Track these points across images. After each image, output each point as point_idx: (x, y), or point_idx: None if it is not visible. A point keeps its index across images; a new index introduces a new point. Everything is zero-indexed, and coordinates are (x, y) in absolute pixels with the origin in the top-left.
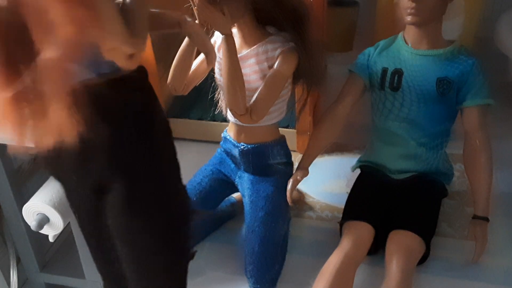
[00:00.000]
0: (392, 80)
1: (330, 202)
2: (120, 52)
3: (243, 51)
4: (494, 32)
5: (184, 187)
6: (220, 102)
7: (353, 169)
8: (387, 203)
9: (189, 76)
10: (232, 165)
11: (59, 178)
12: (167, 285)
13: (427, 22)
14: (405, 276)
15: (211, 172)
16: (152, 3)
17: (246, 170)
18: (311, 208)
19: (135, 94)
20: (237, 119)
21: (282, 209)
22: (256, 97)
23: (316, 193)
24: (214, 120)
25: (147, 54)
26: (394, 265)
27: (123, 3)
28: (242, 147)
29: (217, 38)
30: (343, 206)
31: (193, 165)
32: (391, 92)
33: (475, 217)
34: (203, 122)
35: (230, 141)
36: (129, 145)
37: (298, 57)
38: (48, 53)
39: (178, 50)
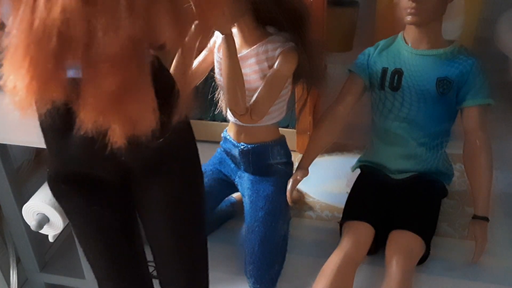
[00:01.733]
0: (392, 80)
1: (330, 202)
2: None
3: (243, 51)
4: (494, 32)
5: None
6: (220, 102)
7: (353, 169)
8: (387, 203)
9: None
10: (232, 165)
11: (87, 174)
12: (206, 275)
13: (427, 22)
14: (405, 276)
15: (211, 172)
16: None
17: (246, 170)
18: (311, 208)
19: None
20: (237, 119)
21: (282, 209)
22: (256, 97)
23: (316, 193)
24: (214, 120)
25: None
26: (394, 265)
27: None
28: (242, 147)
29: (217, 38)
30: (343, 206)
31: None
32: (391, 92)
33: (475, 217)
34: (203, 122)
35: (230, 141)
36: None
37: (298, 57)
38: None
39: None
